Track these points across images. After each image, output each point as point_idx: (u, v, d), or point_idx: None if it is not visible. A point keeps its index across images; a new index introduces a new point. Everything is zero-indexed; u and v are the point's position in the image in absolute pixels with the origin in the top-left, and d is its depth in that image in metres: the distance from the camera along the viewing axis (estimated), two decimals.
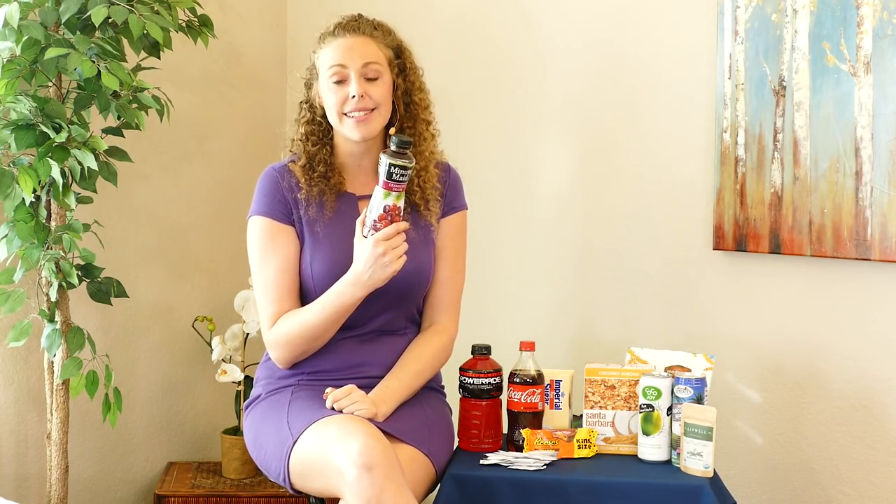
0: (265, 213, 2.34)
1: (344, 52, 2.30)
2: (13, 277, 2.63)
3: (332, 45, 2.33)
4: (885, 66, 2.34)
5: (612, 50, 2.82)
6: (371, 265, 2.18)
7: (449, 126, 2.54)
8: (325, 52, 2.33)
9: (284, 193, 2.34)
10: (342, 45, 2.32)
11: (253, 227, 2.35)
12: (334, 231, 2.32)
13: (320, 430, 2.12)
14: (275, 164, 2.39)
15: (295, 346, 2.29)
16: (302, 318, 2.27)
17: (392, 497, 2.00)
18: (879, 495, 2.44)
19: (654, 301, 2.78)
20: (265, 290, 2.32)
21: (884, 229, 2.36)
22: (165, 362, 3.13)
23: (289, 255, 2.32)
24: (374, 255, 2.17)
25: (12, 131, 2.54)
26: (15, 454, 2.85)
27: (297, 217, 2.33)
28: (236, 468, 2.99)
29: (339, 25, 2.34)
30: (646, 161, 2.78)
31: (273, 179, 2.36)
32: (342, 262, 2.27)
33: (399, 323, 2.38)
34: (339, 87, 2.30)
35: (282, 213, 2.33)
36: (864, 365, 2.46)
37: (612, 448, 2.33)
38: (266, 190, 2.35)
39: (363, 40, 2.32)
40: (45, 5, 2.56)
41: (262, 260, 2.33)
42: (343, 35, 2.33)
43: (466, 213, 2.46)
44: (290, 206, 2.33)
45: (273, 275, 2.31)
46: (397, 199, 2.18)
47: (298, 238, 2.34)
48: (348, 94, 2.29)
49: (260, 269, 2.33)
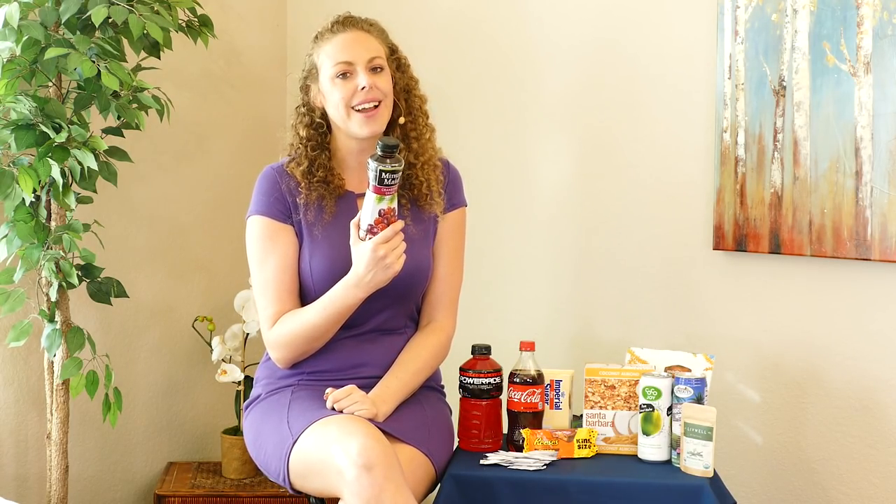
0: (264, 213, 2.34)
1: (348, 47, 2.31)
2: (13, 277, 2.63)
3: (333, 42, 2.33)
4: (885, 66, 2.34)
5: (612, 50, 2.82)
6: (372, 268, 2.18)
7: (449, 125, 2.55)
8: (325, 49, 2.33)
9: (283, 193, 2.34)
10: (344, 40, 2.32)
11: (252, 227, 2.35)
12: (333, 230, 2.32)
13: (320, 430, 2.12)
14: (273, 165, 2.40)
15: (295, 346, 2.29)
16: (303, 318, 2.27)
17: (391, 497, 2.00)
18: (879, 495, 2.44)
19: (654, 301, 2.78)
20: (265, 290, 2.32)
21: (884, 229, 2.36)
22: (165, 362, 3.13)
23: (288, 254, 2.32)
24: (374, 259, 2.17)
25: (12, 131, 2.54)
26: (15, 454, 2.85)
27: (296, 217, 2.33)
28: (236, 468, 2.99)
29: (335, 23, 2.35)
30: (646, 161, 2.78)
31: (272, 179, 2.36)
32: (342, 260, 2.27)
33: (399, 321, 2.38)
34: (345, 81, 2.30)
35: (281, 213, 2.33)
36: (864, 365, 2.46)
37: (612, 448, 2.33)
38: (265, 189, 2.35)
39: (363, 35, 2.34)
40: (45, 5, 2.56)
41: (261, 259, 2.33)
42: (342, 31, 2.33)
43: (466, 210, 2.47)
44: (288, 205, 2.33)
45: (272, 274, 2.31)
46: (391, 201, 2.18)
47: (297, 237, 2.34)
48: (356, 87, 2.29)
49: (259, 269, 2.33)
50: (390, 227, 2.18)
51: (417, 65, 2.45)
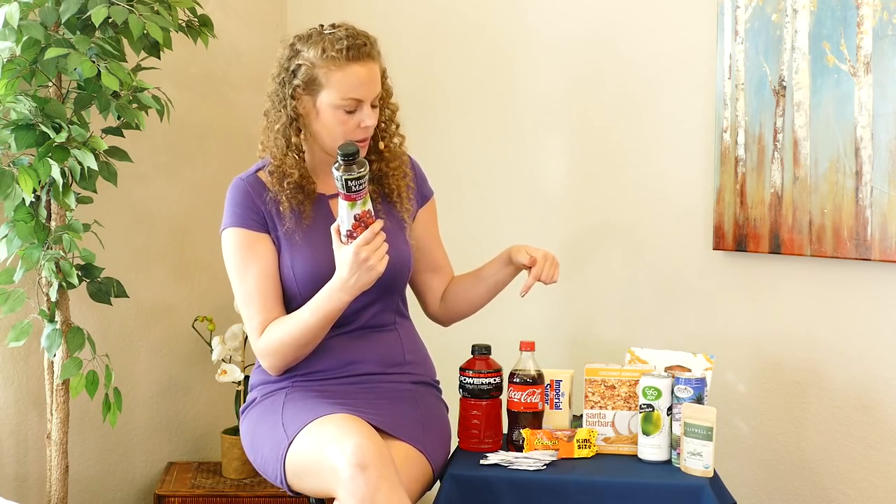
0: (239, 224, 2.31)
1: (363, 85, 2.26)
2: (13, 277, 2.63)
3: (347, 73, 2.25)
4: (885, 66, 2.34)
5: (611, 50, 2.82)
6: (356, 271, 2.17)
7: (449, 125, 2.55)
8: (336, 76, 2.25)
9: (256, 203, 2.31)
10: (358, 75, 2.26)
11: (228, 239, 2.33)
12: (311, 233, 2.31)
13: (315, 431, 2.13)
14: (242, 175, 2.37)
15: (285, 353, 2.28)
16: (290, 325, 2.26)
17: (386, 496, 2.00)
18: (879, 495, 2.44)
19: (654, 301, 2.78)
20: (248, 301, 2.30)
21: (884, 229, 2.36)
22: (165, 362, 3.13)
23: (268, 262, 2.30)
24: (357, 262, 2.16)
25: (12, 131, 2.54)
26: (15, 454, 2.85)
27: (272, 225, 2.31)
28: (236, 468, 2.99)
29: (349, 49, 2.25)
30: (646, 161, 2.78)
31: (243, 190, 2.33)
32: (323, 262, 2.26)
33: (387, 317, 2.38)
34: (349, 115, 2.27)
35: (256, 223, 2.31)
36: (864, 365, 2.46)
37: (612, 448, 2.33)
38: (237, 201, 2.33)
39: (373, 68, 2.29)
40: (45, 5, 2.56)
41: (242, 271, 2.31)
42: (357, 61, 2.26)
43: (434, 197, 2.52)
44: (262, 214, 2.31)
45: (255, 284, 2.29)
46: (363, 204, 2.17)
47: (275, 245, 2.33)
48: (359, 123, 2.27)
49: (241, 281, 2.31)
50: (369, 229, 2.17)
51: (413, 63, 2.44)
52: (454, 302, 2.50)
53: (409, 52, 2.44)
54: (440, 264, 2.51)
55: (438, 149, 3.01)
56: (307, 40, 2.30)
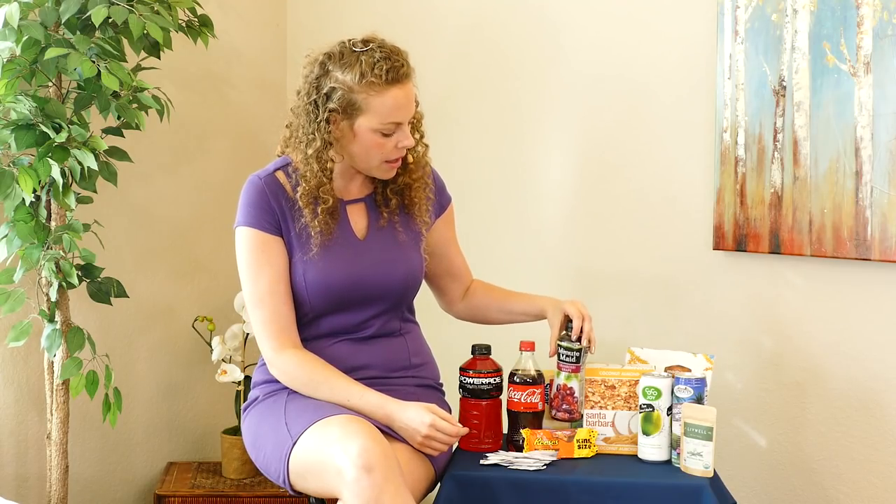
0: (253, 225, 2.29)
1: (402, 108, 2.24)
2: (13, 277, 2.63)
3: (387, 97, 2.22)
4: (885, 66, 2.34)
5: (611, 50, 2.82)
6: (408, 430, 2.18)
7: (449, 126, 2.55)
8: (376, 101, 2.21)
9: (271, 204, 2.29)
10: (397, 99, 2.23)
11: (241, 239, 2.31)
12: (325, 242, 2.31)
13: (320, 431, 2.12)
14: (259, 173, 2.33)
15: (296, 387, 2.28)
16: (315, 376, 2.24)
17: (391, 498, 2.00)
18: (879, 495, 2.44)
19: (654, 301, 2.78)
20: (260, 304, 2.28)
21: (884, 229, 2.36)
22: (165, 362, 3.13)
23: (281, 266, 2.29)
24: (417, 429, 2.16)
25: (12, 131, 2.54)
26: (15, 454, 2.85)
27: (286, 227, 2.30)
28: (236, 468, 2.99)
29: (388, 72, 2.21)
30: (646, 161, 2.78)
31: (259, 189, 2.30)
32: (334, 270, 2.26)
33: (394, 325, 2.38)
34: (387, 137, 2.26)
35: (270, 224, 2.29)
36: (864, 365, 2.46)
37: (612, 448, 2.33)
38: (252, 200, 2.30)
39: (410, 88, 2.26)
40: (45, 5, 2.56)
41: (255, 272, 2.29)
42: (395, 84, 2.22)
43: (452, 202, 2.52)
44: (276, 216, 2.29)
45: (268, 287, 2.27)
46: (566, 379, 2.34)
47: (287, 247, 2.32)
48: (396, 143, 2.26)
49: (253, 283, 2.29)
50: (453, 426, 2.19)
51: (422, 68, 2.43)
52: (473, 314, 2.56)
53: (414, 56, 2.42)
54: (458, 269, 2.53)
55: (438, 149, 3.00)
56: (339, 60, 2.24)
